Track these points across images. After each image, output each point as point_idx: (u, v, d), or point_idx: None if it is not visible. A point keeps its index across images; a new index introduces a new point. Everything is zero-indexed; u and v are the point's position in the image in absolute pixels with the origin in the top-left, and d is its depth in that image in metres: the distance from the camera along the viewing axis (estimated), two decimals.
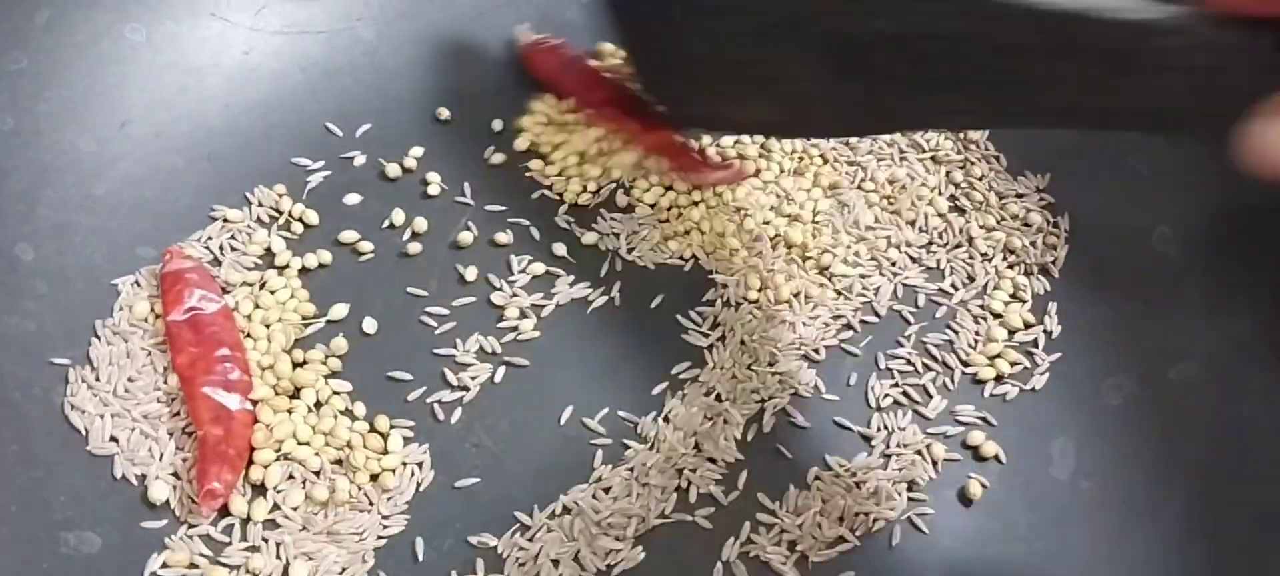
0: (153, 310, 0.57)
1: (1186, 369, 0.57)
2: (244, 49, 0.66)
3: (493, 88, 0.68)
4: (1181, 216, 0.61)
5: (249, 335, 0.56)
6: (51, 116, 0.60)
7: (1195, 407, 0.56)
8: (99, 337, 0.56)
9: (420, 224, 0.61)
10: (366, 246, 0.61)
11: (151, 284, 0.58)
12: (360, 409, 0.55)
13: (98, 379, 0.55)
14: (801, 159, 0.65)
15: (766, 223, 0.62)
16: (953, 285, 0.61)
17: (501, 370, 0.57)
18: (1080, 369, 0.58)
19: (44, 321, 0.56)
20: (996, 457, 0.55)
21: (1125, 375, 0.57)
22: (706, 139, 0.65)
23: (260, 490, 0.52)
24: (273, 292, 0.58)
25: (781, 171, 0.65)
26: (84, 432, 0.53)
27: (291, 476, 0.53)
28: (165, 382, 0.55)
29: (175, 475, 0.52)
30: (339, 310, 0.58)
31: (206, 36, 0.65)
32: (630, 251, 0.61)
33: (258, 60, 0.66)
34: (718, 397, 0.56)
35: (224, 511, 0.51)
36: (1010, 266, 0.62)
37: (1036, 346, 0.59)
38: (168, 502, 0.51)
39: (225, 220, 0.61)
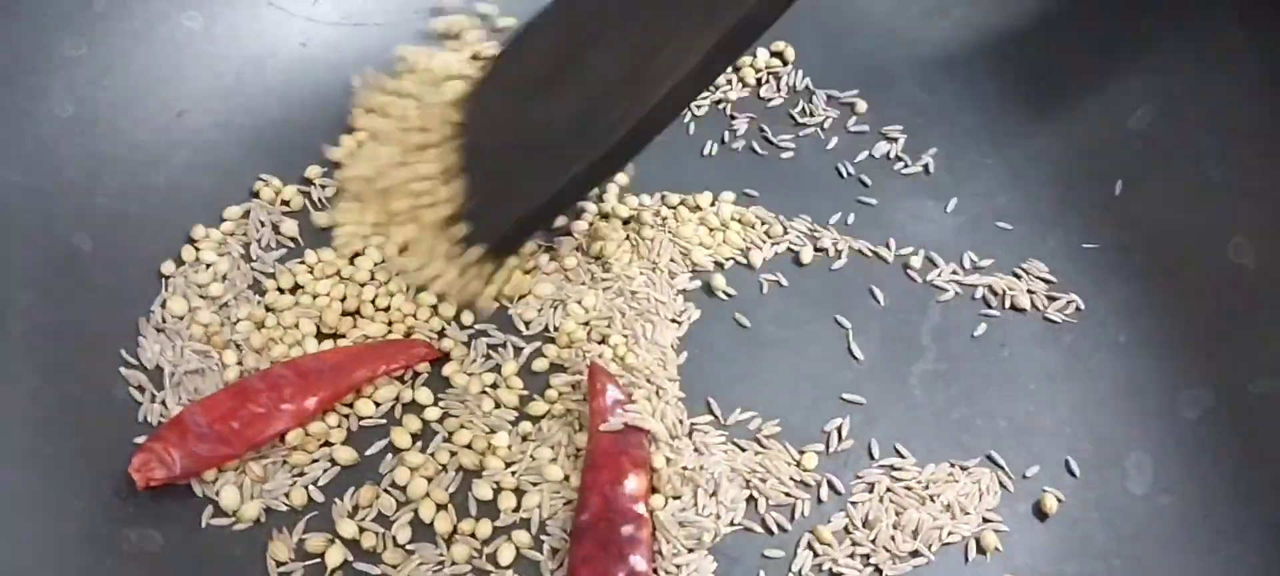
0: (190, 306, 0.56)
1: (1267, 383, 0.55)
2: (301, 40, 0.65)
3: None
4: (1258, 225, 0.59)
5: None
6: (109, 104, 0.59)
7: (1278, 423, 0.54)
8: (145, 336, 0.55)
9: None
10: None
11: (190, 277, 0.57)
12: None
13: (159, 382, 0.54)
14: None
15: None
16: (1011, 291, 0.60)
17: (560, 374, 0.56)
18: (1154, 381, 0.57)
19: (102, 314, 0.55)
20: (1070, 471, 0.54)
21: (1202, 388, 0.56)
22: None
23: None
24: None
25: None
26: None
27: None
28: (223, 382, 0.54)
29: (241, 471, 0.51)
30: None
31: (263, 26, 0.64)
32: (675, 244, 0.60)
33: (315, 51, 0.65)
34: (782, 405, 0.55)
35: None
36: (1072, 276, 0.60)
37: (1105, 358, 0.58)
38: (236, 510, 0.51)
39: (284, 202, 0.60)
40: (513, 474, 0.52)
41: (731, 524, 0.52)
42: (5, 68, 0.57)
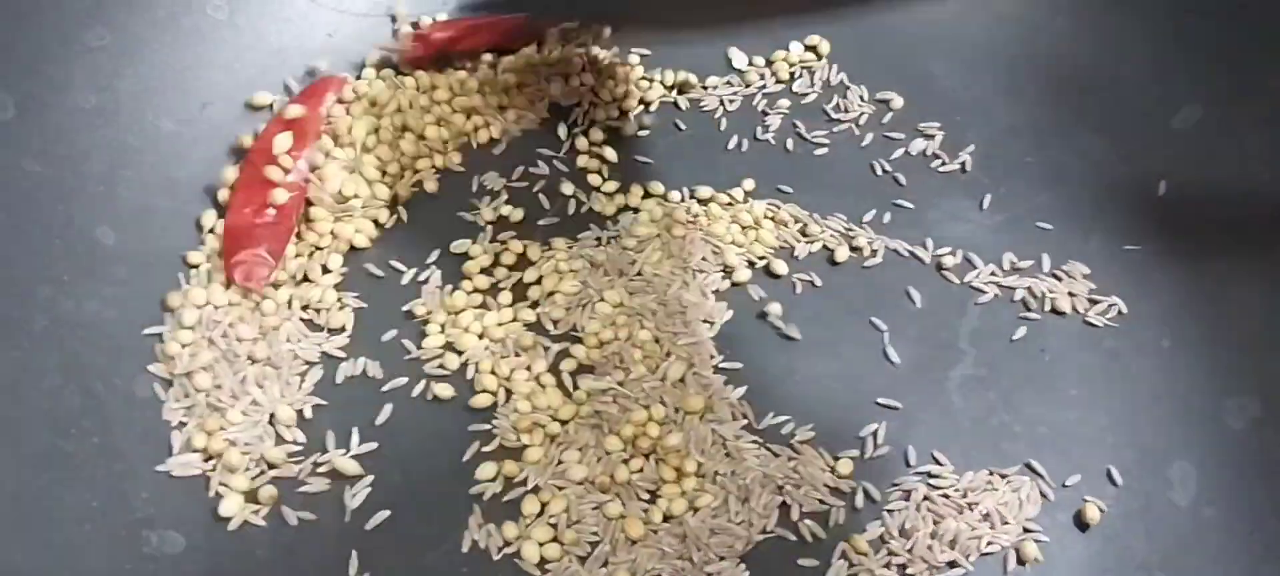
0: (209, 299, 0.55)
1: None
2: (328, 31, 0.64)
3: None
4: None
5: None
6: (132, 95, 0.58)
7: None
8: (169, 331, 0.54)
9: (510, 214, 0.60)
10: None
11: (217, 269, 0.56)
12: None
13: (183, 385, 0.53)
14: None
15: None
16: (1051, 293, 0.58)
17: (587, 376, 0.55)
18: (1199, 388, 0.55)
19: (125, 308, 0.54)
20: (1112, 480, 0.53)
21: (1249, 396, 0.54)
22: None
23: None
24: None
25: None
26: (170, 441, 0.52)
27: None
28: (241, 383, 0.53)
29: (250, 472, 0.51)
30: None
31: (289, 16, 0.64)
32: (707, 242, 0.59)
33: (342, 43, 0.64)
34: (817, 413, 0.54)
35: None
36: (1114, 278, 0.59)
37: (1149, 364, 0.56)
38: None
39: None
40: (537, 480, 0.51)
41: (764, 531, 0.50)
42: (28, 58, 0.56)
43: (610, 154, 0.62)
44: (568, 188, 0.61)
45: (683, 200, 0.61)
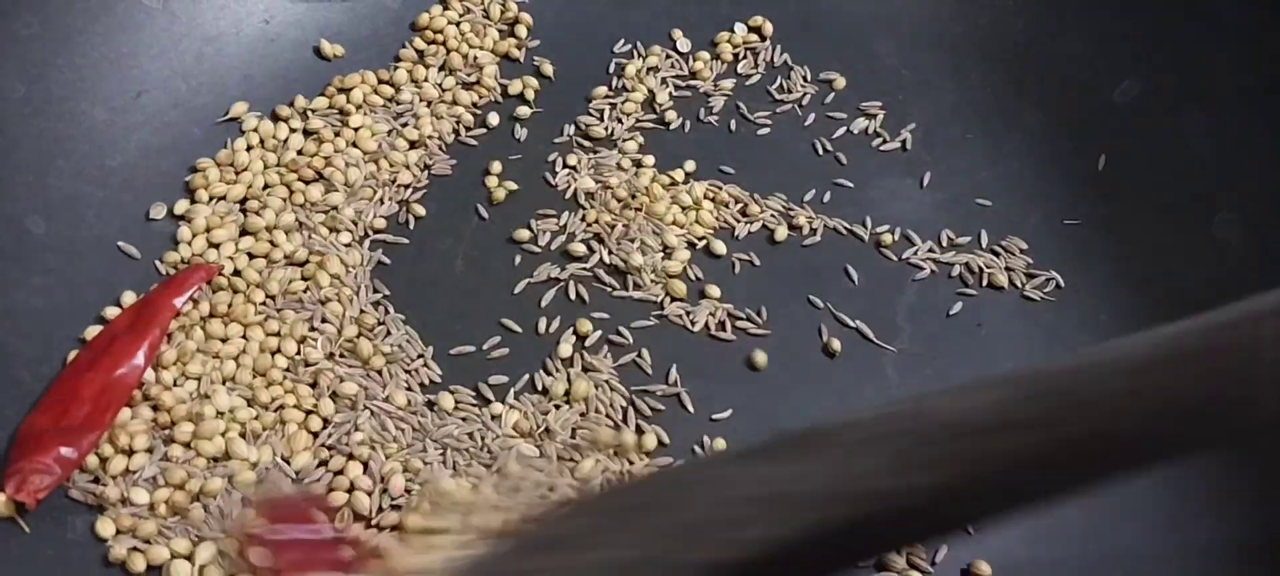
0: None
1: None
2: (264, 17, 0.64)
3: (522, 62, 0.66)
4: (1244, 201, 0.58)
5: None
6: (64, 84, 0.58)
7: None
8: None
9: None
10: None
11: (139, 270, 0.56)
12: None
13: None
14: None
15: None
16: (988, 268, 0.58)
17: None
18: None
19: (54, 297, 0.54)
20: None
21: None
22: None
23: None
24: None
25: None
26: None
27: None
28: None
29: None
30: None
31: (225, 3, 0.63)
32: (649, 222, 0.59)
33: (278, 29, 0.64)
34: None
35: None
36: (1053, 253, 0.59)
37: (1086, 338, 0.56)
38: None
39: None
40: None
41: None
42: None
43: None
44: None
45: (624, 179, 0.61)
